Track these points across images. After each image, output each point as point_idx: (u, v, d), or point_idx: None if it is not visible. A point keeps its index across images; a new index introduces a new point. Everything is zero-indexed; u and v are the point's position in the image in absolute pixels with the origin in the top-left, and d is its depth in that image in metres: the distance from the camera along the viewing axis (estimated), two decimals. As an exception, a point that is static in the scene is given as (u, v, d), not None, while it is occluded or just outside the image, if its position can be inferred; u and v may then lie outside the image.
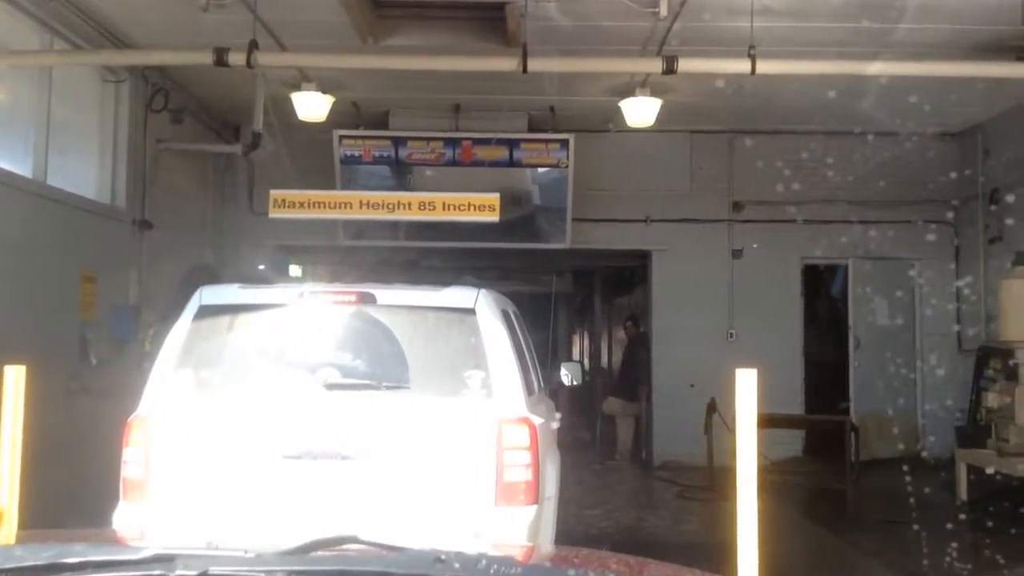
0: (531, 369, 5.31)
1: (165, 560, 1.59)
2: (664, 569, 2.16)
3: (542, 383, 5.83)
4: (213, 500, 4.33)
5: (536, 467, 4.41)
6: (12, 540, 4.44)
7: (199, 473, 4.36)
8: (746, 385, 4.71)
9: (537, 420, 4.56)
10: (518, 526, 4.31)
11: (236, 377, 4.65)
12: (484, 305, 4.69)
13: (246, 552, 1.63)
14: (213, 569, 1.56)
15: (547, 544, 4.58)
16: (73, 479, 6.99)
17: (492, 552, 2.04)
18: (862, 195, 11.90)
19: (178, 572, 1.56)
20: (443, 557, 1.62)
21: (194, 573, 1.55)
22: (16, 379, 4.53)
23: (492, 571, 1.62)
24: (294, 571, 1.60)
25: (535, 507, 4.40)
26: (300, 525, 4.27)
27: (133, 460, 4.35)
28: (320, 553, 1.73)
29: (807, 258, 12.33)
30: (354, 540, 1.77)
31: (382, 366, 4.60)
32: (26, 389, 4.56)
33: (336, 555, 1.75)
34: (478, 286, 4.88)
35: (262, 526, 4.27)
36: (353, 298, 4.72)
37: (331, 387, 4.50)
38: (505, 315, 4.97)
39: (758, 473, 5.34)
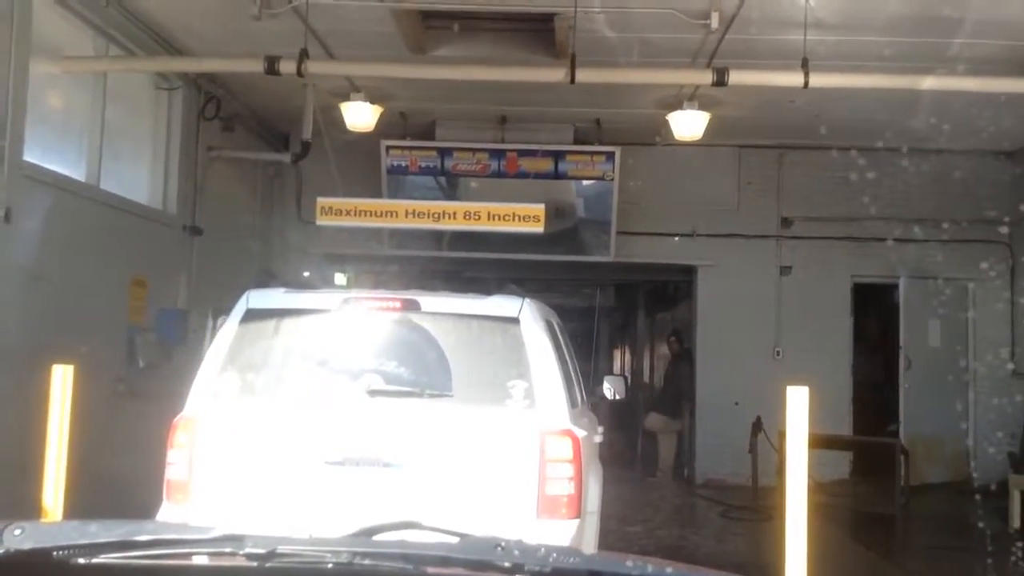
0: (574, 381, 5.26)
1: (235, 540, 1.63)
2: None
3: (585, 396, 5.76)
4: (254, 503, 4.33)
5: (579, 480, 4.35)
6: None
7: (242, 476, 4.36)
8: (797, 402, 4.66)
9: (580, 433, 4.50)
10: (559, 540, 4.24)
11: (280, 381, 4.65)
12: (528, 314, 4.65)
13: (311, 535, 1.68)
14: (281, 548, 1.61)
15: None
16: (118, 479, 7.06)
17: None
18: (914, 213, 11.67)
19: (247, 550, 1.60)
20: (503, 544, 1.64)
21: (263, 551, 1.59)
22: (64, 378, 4.60)
23: (552, 559, 1.63)
24: (358, 552, 1.64)
25: (577, 521, 4.33)
26: (340, 531, 4.26)
27: (177, 462, 4.37)
28: (383, 537, 1.77)
29: (857, 276, 12.12)
30: (416, 526, 1.81)
31: (425, 374, 4.58)
32: (74, 389, 4.64)
33: (398, 539, 1.79)
34: (522, 295, 4.84)
35: (303, 530, 4.26)
36: (397, 305, 4.71)
37: (374, 394, 4.48)
38: (549, 325, 4.92)
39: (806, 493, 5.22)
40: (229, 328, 4.66)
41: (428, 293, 4.92)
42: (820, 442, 9.49)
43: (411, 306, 4.67)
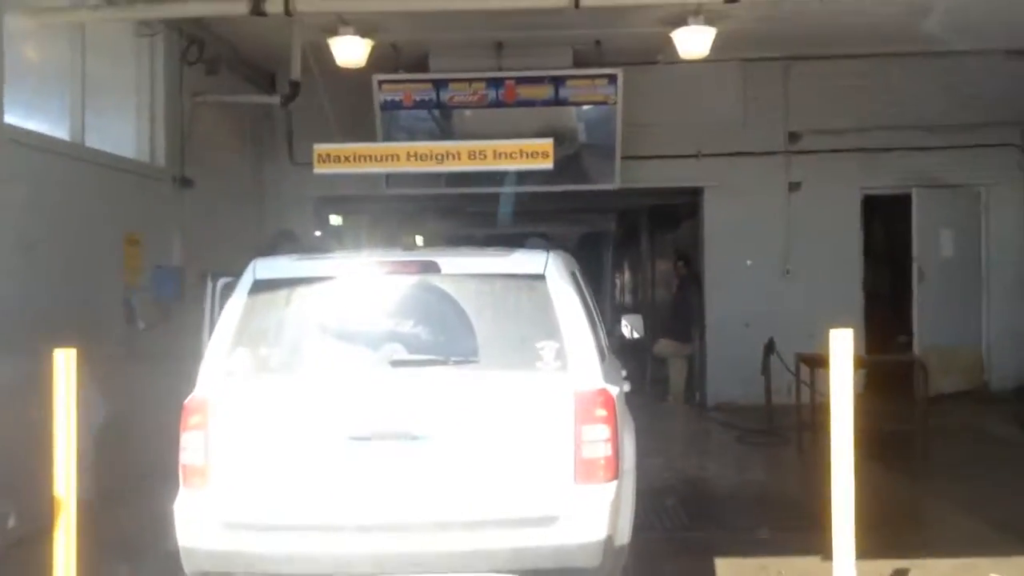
0: (600, 331, 5.05)
1: None
2: None
3: (607, 340, 5.56)
4: (278, 485, 4.15)
5: (615, 441, 4.17)
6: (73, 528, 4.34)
7: (262, 458, 4.17)
8: (842, 347, 4.45)
9: (614, 390, 4.31)
10: (599, 504, 4.09)
11: (296, 355, 4.44)
12: (554, 270, 4.41)
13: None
14: None
15: (626, 524, 4.36)
16: (130, 448, 6.93)
17: None
18: (925, 120, 11.39)
19: None
20: None
21: None
22: (67, 364, 4.38)
23: None
24: None
25: (615, 483, 4.17)
26: (370, 510, 4.11)
27: (191, 446, 4.16)
28: None
29: (867, 188, 11.85)
30: None
31: (449, 340, 4.36)
32: (78, 372, 4.43)
33: None
34: (546, 248, 4.60)
35: (331, 510, 4.10)
36: (415, 268, 4.47)
37: (396, 364, 4.27)
38: (573, 278, 4.70)
39: (816, 415, 5.02)
40: (237, 301, 4.41)
41: (447, 252, 4.66)
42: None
43: (429, 268, 4.43)
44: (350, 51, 9.46)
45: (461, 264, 4.53)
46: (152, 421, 5.68)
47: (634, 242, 16.73)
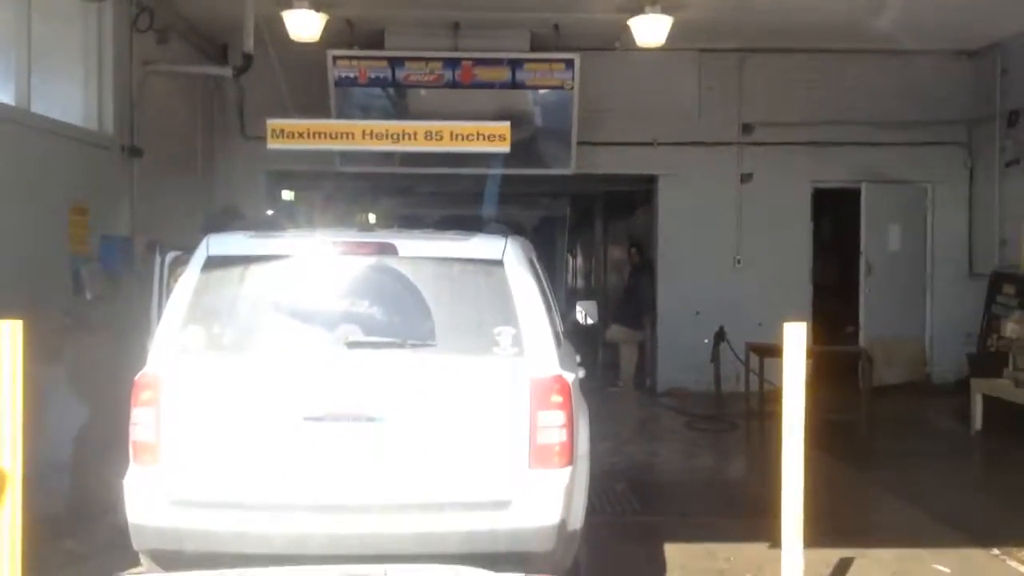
0: (555, 316, 5.03)
1: None
2: None
3: (562, 326, 5.55)
4: (230, 464, 4.08)
5: (571, 427, 4.16)
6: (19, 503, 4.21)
7: (214, 435, 4.09)
8: (795, 339, 4.49)
9: (569, 376, 4.30)
10: (553, 489, 4.08)
11: (250, 334, 4.36)
12: (512, 256, 4.39)
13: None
14: None
15: (579, 509, 4.35)
16: (76, 415, 6.77)
17: None
18: (875, 116, 11.58)
19: None
20: None
21: None
22: (12, 335, 4.22)
23: None
24: None
25: (570, 468, 4.17)
26: (323, 490, 4.05)
27: (143, 422, 4.07)
28: None
29: (817, 181, 12.00)
30: None
31: (406, 322, 4.31)
32: (24, 346, 4.28)
33: None
34: (505, 234, 4.56)
35: (283, 490, 4.04)
36: (373, 249, 4.40)
37: (352, 345, 4.21)
38: (531, 264, 4.67)
39: (765, 403, 5.08)
40: (190, 277, 4.31)
41: (405, 235, 4.61)
42: (782, 352, 9.55)
43: (387, 250, 4.36)
44: (304, 25, 9.32)
45: (419, 247, 4.49)
46: (100, 393, 5.54)
47: (588, 228, 16.75)
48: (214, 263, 4.33)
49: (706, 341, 10.48)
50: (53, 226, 7.57)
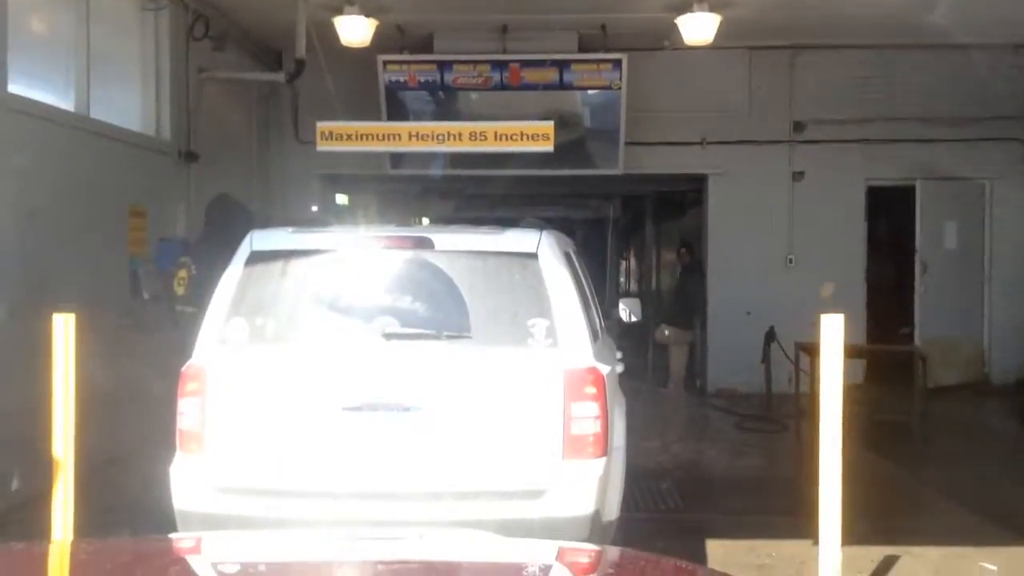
0: (594, 311, 5.08)
1: None
2: None
3: (603, 322, 5.59)
4: (271, 452, 4.21)
5: (604, 418, 4.20)
6: (71, 490, 4.38)
7: (256, 425, 4.22)
8: (832, 331, 4.47)
9: (604, 368, 4.34)
10: (587, 480, 4.13)
11: (292, 326, 4.48)
12: (547, 249, 4.44)
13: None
14: None
15: (615, 501, 4.39)
16: (133, 415, 6.98)
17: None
18: (930, 112, 11.37)
19: None
20: None
21: None
22: (65, 327, 4.41)
23: None
24: None
25: (604, 459, 4.21)
26: (360, 479, 4.15)
27: (188, 412, 4.22)
28: None
29: (871, 179, 11.82)
30: None
31: (442, 315, 4.40)
32: (77, 337, 4.46)
33: None
34: (540, 227, 4.62)
35: (322, 478, 4.15)
36: (410, 243, 4.50)
37: (390, 337, 4.31)
38: (567, 257, 4.72)
39: (815, 402, 5.08)
40: (233, 271, 4.45)
41: (441, 229, 4.70)
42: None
43: (424, 244, 4.46)
44: (355, 30, 9.48)
45: (455, 241, 4.56)
46: (154, 389, 5.71)
47: (638, 228, 16.73)
48: (257, 257, 4.47)
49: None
50: (112, 228, 7.83)
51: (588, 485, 4.12)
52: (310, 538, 2.31)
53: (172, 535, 3.26)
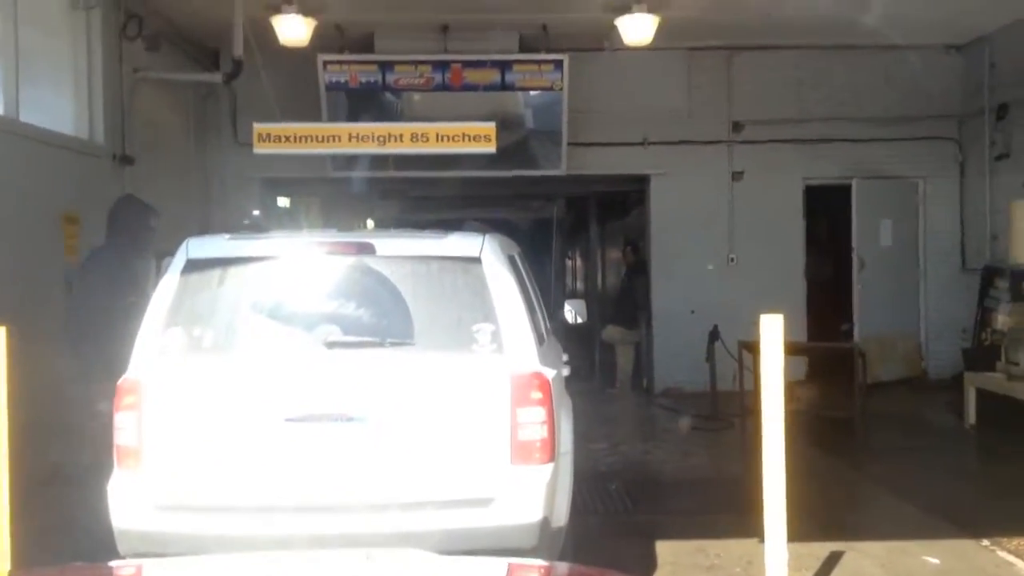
0: (539, 314, 5.05)
1: None
2: None
3: (548, 324, 5.57)
4: (212, 467, 4.09)
5: (551, 423, 4.17)
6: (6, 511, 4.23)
7: (196, 438, 4.10)
8: (772, 330, 4.50)
9: (550, 373, 4.31)
10: (535, 486, 4.09)
11: (231, 336, 4.37)
12: (490, 253, 4.39)
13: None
14: None
15: (563, 506, 4.36)
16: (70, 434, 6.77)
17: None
18: (865, 112, 11.60)
19: None
20: None
21: None
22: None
23: None
24: None
25: (551, 465, 4.17)
26: (305, 492, 4.06)
27: (125, 426, 4.09)
28: None
29: (809, 179, 12.01)
30: None
31: (385, 321, 4.32)
32: (9, 344, 4.30)
33: None
34: (483, 232, 4.57)
35: (266, 492, 4.06)
36: (351, 249, 4.42)
37: (332, 345, 4.22)
38: (511, 261, 4.68)
39: (758, 399, 5.11)
40: (170, 280, 4.32)
41: (383, 234, 4.63)
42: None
43: (365, 249, 4.38)
44: (293, 29, 9.36)
45: (397, 246, 4.50)
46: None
47: (583, 229, 16.77)
48: (194, 265, 4.35)
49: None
50: (45, 234, 7.59)
51: (536, 492, 4.09)
52: (253, 563, 2.24)
53: (111, 563, 3.14)
